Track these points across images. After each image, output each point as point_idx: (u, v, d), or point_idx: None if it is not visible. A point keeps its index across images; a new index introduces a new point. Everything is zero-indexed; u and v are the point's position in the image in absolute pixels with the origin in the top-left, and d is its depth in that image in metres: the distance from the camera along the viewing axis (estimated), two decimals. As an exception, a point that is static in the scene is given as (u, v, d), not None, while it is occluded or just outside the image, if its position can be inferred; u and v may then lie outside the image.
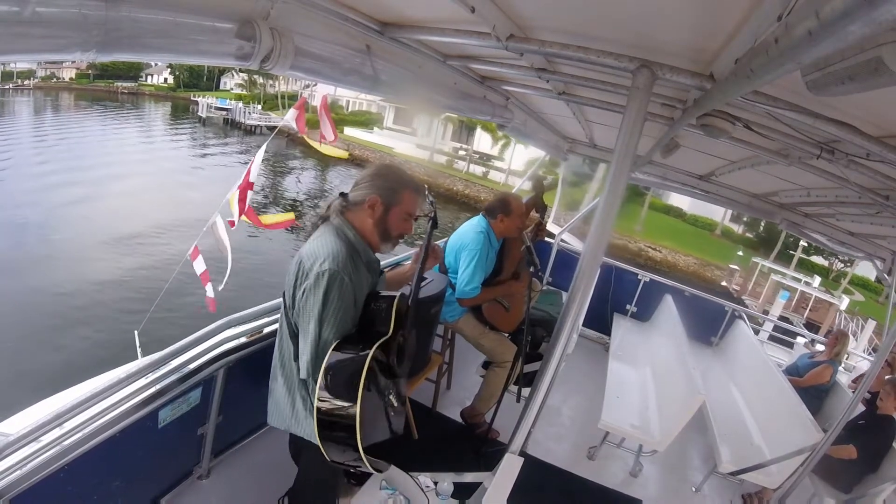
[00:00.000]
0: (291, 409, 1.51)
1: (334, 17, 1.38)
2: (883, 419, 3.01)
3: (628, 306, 4.85)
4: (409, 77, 1.78)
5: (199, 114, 41.47)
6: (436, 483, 2.02)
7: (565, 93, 2.25)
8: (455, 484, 2.04)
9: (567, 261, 4.88)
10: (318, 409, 1.30)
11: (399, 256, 3.28)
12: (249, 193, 3.98)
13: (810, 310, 18.31)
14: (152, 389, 1.63)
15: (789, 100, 1.30)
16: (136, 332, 3.22)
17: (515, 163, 29.48)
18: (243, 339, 1.97)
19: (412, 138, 33.62)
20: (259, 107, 42.29)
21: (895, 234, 2.57)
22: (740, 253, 23.55)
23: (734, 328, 4.66)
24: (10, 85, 44.65)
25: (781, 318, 13.28)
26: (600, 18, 1.24)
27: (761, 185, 3.20)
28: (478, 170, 30.33)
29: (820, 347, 4.82)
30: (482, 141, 31.47)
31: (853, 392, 3.03)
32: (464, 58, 1.99)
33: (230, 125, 39.85)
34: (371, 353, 1.31)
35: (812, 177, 2.11)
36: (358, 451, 1.28)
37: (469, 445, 2.81)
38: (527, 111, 3.17)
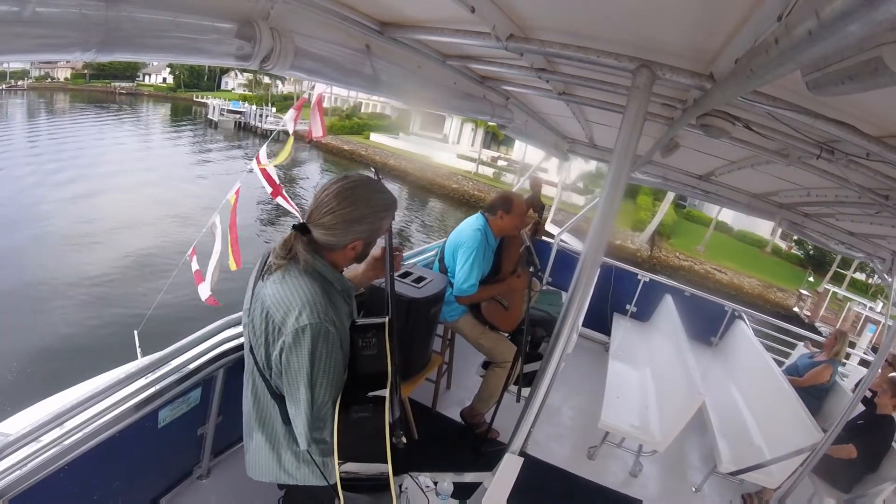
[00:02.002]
0: (277, 464, 1.40)
1: (334, 17, 1.38)
2: (883, 419, 3.01)
3: (628, 306, 4.85)
4: (409, 77, 1.77)
5: (210, 116, 38.71)
6: (436, 483, 2.02)
7: (565, 93, 2.25)
8: (455, 484, 2.04)
9: (567, 261, 4.88)
10: (343, 478, 1.20)
11: None
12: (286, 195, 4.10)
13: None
14: (152, 389, 1.63)
15: (789, 100, 1.30)
16: (135, 332, 3.22)
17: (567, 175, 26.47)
18: (243, 339, 1.97)
19: (445, 146, 30.72)
20: (273, 109, 39.24)
21: (895, 234, 2.56)
22: (811, 279, 22.34)
23: (734, 328, 4.66)
24: (4, 86, 43.20)
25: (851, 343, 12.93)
26: (600, 18, 1.24)
27: (761, 185, 3.19)
28: (526, 183, 26.96)
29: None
30: (526, 149, 26.56)
31: (854, 393, 3.03)
32: (464, 58, 1.99)
33: (242, 129, 37.14)
34: (387, 408, 1.20)
35: (812, 177, 2.11)
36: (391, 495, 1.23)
37: (469, 445, 2.82)
38: (527, 111, 3.17)
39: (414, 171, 26.57)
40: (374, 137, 33.15)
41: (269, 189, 4.10)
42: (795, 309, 20.18)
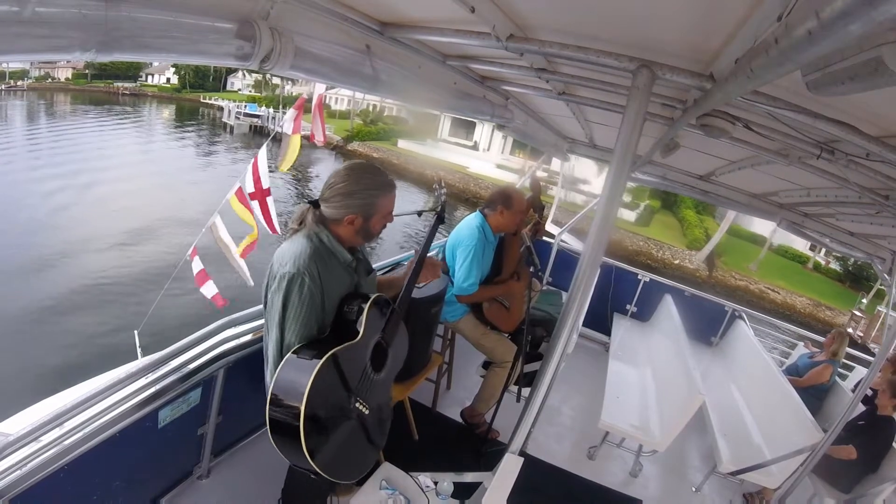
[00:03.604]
0: None
1: (334, 17, 1.38)
2: (883, 419, 3.00)
3: (628, 306, 4.85)
4: (408, 77, 1.78)
5: (225, 120, 35.65)
6: (436, 483, 2.02)
7: (565, 93, 2.25)
8: (455, 484, 2.04)
9: (567, 261, 4.88)
10: (269, 407, 1.28)
11: (397, 257, 3.29)
12: (270, 200, 3.98)
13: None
14: (152, 389, 1.63)
15: (789, 100, 1.30)
16: (135, 332, 3.22)
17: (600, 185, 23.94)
18: (243, 339, 1.97)
19: (475, 153, 28.66)
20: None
21: (895, 234, 2.56)
22: (864, 301, 21.13)
23: (734, 328, 4.66)
24: (3, 86, 41.58)
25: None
26: (600, 18, 1.24)
27: (761, 185, 3.19)
28: (579, 198, 24.41)
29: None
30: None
31: (854, 393, 3.03)
32: (464, 58, 1.99)
33: (257, 133, 34.04)
34: (323, 359, 1.27)
35: (812, 177, 2.11)
36: (307, 458, 1.25)
37: (469, 445, 2.82)
38: (527, 111, 3.17)
39: (455, 182, 24.96)
40: (402, 144, 30.71)
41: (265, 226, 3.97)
42: (849, 329, 18.93)
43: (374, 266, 1.71)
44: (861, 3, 0.48)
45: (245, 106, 37.57)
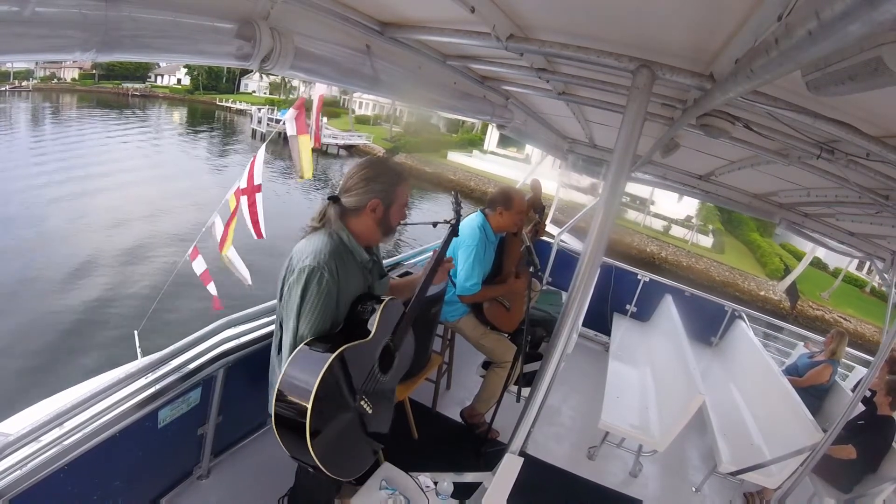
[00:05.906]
0: None
1: (334, 18, 1.39)
2: (882, 419, 3.01)
3: (628, 306, 4.85)
4: (409, 77, 1.78)
5: (254, 127, 33.96)
6: (436, 483, 2.02)
7: (565, 93, 2.25)
8: (455, 484, 2.04)
9: (567, 261, 4.88)
10: (276, 400, 1.29)
11: (399, 257, 3.30)
12: (259, 197, 3.97)
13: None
14: (152, 389, 1.63)
15: (789, 100, 1.30)
16: (135, 332, 3.22)
17: (667, 209, 21.80)
18: (243, 339, 1.97)
19: (528, 167, 26.76)
20: (325, 120, 31.65)
21: (895, 234, 2.57)
22: None
23: (734, 328, 4.66)
24: (7, 87, 40.27)
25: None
26: (600, 18, 1.24)
27: (761, 185, 3.20)
28: (657, 223, 22.14)
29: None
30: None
31: (854, 393, 3.03)
32: (464, 58, 1.99)
33: (285, 140, 32.17)
34: (335, 355, 1.28)
35: (812, 177, 2.11)
36: (310, 452, 1.26)
37: (469, 445, 2.81)
38: (527, 111, 3.17)
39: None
40: (452, 157, 28.54)
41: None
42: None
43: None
44: (861, 3, 0.48)
45: (276, 112, 34.76)
